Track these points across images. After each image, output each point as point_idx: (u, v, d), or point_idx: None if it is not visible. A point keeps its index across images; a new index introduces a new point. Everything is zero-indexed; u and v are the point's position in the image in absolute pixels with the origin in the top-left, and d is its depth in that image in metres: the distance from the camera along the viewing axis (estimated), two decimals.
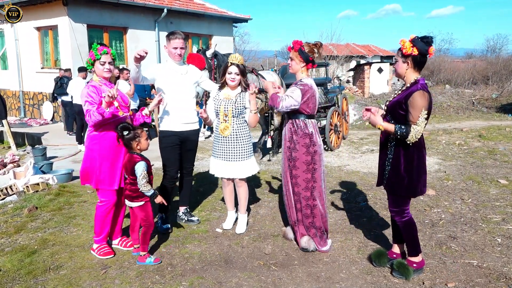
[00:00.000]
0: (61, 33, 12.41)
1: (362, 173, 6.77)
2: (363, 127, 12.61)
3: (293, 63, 3.82)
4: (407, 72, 3.21)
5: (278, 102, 3.68)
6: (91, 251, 3.88)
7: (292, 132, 3.83)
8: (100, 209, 3.80)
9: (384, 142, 3.39)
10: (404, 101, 3.13)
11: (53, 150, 8.90)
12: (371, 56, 26.87)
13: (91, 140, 3.73)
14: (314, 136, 3.81)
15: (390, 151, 3.32)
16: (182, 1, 15.44)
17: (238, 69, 4.07)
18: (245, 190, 4.36)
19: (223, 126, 4.15)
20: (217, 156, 4.26)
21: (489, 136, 9.76)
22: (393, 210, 3.40)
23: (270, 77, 7.72)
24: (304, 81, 3.76)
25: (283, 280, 3.41)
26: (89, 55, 3.73)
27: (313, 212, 3.84)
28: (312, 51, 3.77)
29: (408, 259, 3.42)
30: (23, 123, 12.90)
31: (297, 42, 3.76)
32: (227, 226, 4.45)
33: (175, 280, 3.41)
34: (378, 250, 3.69)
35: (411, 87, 3.17)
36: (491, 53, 37.92)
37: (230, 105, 4.11)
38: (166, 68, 4.31)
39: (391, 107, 3.26)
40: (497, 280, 3.32)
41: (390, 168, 3.32)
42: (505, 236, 4.15)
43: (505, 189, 5.67)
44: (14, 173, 6.14)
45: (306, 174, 3.80)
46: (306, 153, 3.79)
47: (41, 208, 5.13)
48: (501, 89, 18.73)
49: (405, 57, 3.17)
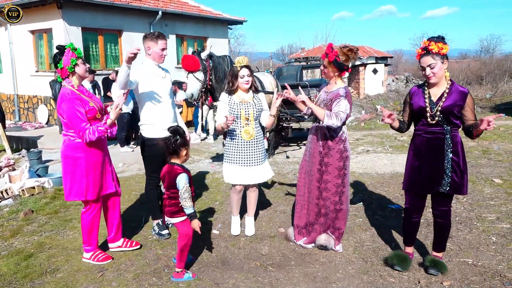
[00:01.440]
0: (55, 36, 12.37)
1: (357, 174, 6.79)
2: (358, 128, 12.66)
3: (326, 70, 3.73)
4: (446, 72, 3.20)
5: (336, 121, 3.52)
6: (85, 259, 3.77)
7: (327, 138, 3.77)
8: (86, 218, 3.68)
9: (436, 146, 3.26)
10: (462, 103, 3.14)
11: (49, 154, 8.87)
12: (366, 57, 26.98)
13: (74, 148, 3.52)
14: (347, 142, 3.81)
15: (447, 153, 3.23)
16: (177, 3, 15.45)
17: (249, 70, 4.03)
18: (257, 194, 4.35)
19: (245, 130, 4.04)
20: (236, 162, 4.09)
21: (483, 136, 9.82)
22: (443, 210, 3.37)
23: (266, 78, 7.74)
24: (346, 90, 3.69)
25: (280, 281, 3.42)
26: (69, 56, 3.45)
27: (337, 216, 3.87)
28: (348, 59, 3.64)
29: (435, 255, 3.50)
30: (18, 126, 12.85)
31: (332, 52, 3.60)
32: (236, 232, 4.36)
33: (172, 282, 3.41)
34: (398, 253, 3.60)
35: (455, 88, 3.19)
36: (485, 53, 38.29)
37: (250, 108, 4.04)
38: (146, 71, 4.08)
39: (448, 111, 3.17)
40: (492, 278, 3.35)
41: (451, 169, 3.23)
42: (500, 234, 4.18)
43: (499, 188, 5.71)
44: (10, 177, 6.13)
45: (337, 179, 3.79)
46: (339, 158, 3.76)
47: (37, 212, 5.12)
48: (495, 89, 18.87)
49: (443, 57, 3.13)
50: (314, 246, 3.98)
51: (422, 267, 3.52)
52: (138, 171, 7.22)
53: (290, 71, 10.77)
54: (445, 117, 3.20)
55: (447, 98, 3.18)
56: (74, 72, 3.53)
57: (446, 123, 3.21)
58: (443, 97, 3.20)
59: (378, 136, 10.49)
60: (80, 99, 3.50)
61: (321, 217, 3.90)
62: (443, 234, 3.45)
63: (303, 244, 4.00)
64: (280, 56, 46.07)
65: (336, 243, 3.91)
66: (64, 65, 3.47)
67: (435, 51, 3.09)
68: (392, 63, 35.40)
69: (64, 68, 3.48)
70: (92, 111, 3.55)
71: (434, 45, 3.09)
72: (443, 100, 3.19)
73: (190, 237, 3.40)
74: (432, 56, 3.12)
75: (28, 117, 14.07)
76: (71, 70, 3.50)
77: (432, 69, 3.14)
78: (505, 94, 18.16)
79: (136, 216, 4.95)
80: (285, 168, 7.31)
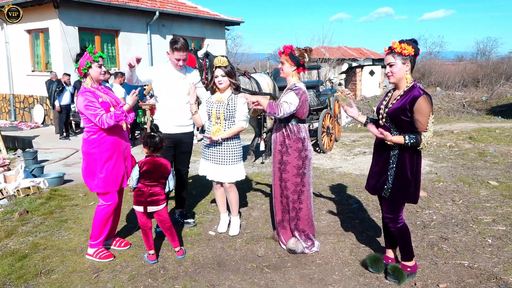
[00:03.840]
0: (52, 36, 12.34)
1: (354, 175, 6.80)
2: (355, 129, 12.67)
3: (284, 66, 3.83)
4: (407, 75, 3.12)
5: (277, 110, 3.65)
6: (87, 256, 3.82)
7: (284, 136, 3.84)
8: (101, 212, 3.78)
9: (383, 149, 3.26)
10: (409, 108, 3.02)
11: (44, 154, 8.83)
12: (362, 59, 26.99)
13: (89, 144, 3.70)
14: (306, 141, 3.84)
15: (393, 159, 3.19)
16: (174, 3, 15.44)
17: (223, 71, 4.07)
18: (234, 194, 4.35)
19: (215, 129, 4.15)
20: (207, 158, 4.27)
21: (479, 138, 9.87)
22: (388, 217, 3.32)
23: (263, 79, 7.75)
24: (298, 85, 3.78)
25: (276, 283, 3.41)
26: (85, 59, 3.67)
27: (297, 215, 3.88)
28: (303, 55, 3.80)
29: (402, 263, 3.41)
30: (14, 126, 12.80)
31: (287, 46, 3.80)
32: (221, 229, 4.43)
33: (168, 283, 3.39)
34: (373, 255, 3.62)
35: (410, 92, 3.08)
36: (481, 56, 38.40)
37: (222, 108, 4.11)
38: (165, 70, 4.32)
39: (393, 114, 3.13)
40: (488, 281, 3.36)
41: (394, 175, 3.19)
42: (496, 237, 4.19)
43: (495, 190, 5.72)
44: (5, 177, 6.08)
45: (296, 178, 3.83)
46: (298, 157, 3.81)
47: (32, 212, 5.09)
48: (491, 91, 18.96)
49: (405, 58, 3.08)
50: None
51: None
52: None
53: None
54: (392, 121, 3.16)
55: (398, 101, 3.12)
56: (88, 74, 3.71)
57: (395, 127, 3.15)
58: (395, 100, 3.15)
59: (374, 138, 10.48)
60: (92, 93, 3.67)
61: (285, 213, 3.96)
62: (400, 242, 3.36)
63: (282, 245, 4.02)
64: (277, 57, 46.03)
65: (306, 246, 3.88)
66: (80, 66, 3.69)
67: (397, 50, 3.08)
68: None
69: (79, 68, 3.70)
70: (105, 104, 3.68)
71: (397, 45, 3.08)
72: (393, 103, 3.15)
73: (169, 221, 3.79)
74: (393, 55, 3.11)
75: (24, 117, 14.01)
76: (84, 71, 3.70)
77: (390, 67, 3.14)
78: (501, 96, 18.25)
79: (133, 216, 4.93)
80: None
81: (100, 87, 3.80)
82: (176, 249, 3.85)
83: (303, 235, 3.90)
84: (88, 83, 3.73)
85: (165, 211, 3.77)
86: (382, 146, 3.26)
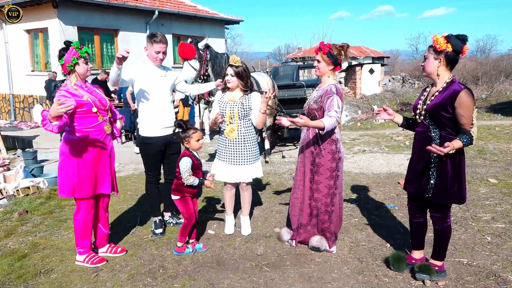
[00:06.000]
0: (51, 36, 12.34)
1: (353, 174, 6.80)
2: (354, 128, 12.67)
3: (320, 65, 3.70)
4: (439, 70, 3.04)
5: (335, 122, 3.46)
6: (78, 263, 3.71)
7: (318, 138, 3.72)
8: (78, 219, 3.62)
9: (423, 149, 3.07)
10: (449, 103, 2.95)
11: (44, 153, 8.84)
12: (362, 57, 27.08)
13: (67, 145, 3.51)
14: (339, 142, 3.74)
15: (434, 159, 3.09)
16: (174, 3, 15.43)
17: (233, 71, 4.00)
18: (250, 193, 4.33)
19: (229, 129, 4.08)
20: (223, 160, 4.16)
21: (479, 136, 9.85)
22: (436, 216, 3.23)
23: (262, 78, 7.74)
24: (337, 87, 3.64)
25: (275, 281, 3.41)
26: (71, 54, 3.43)
27: (330, 218, 3.81)
28: (340, 54, 3.67)
29: (430, 262, 3.36)
30: (14, 126, 12.80)
31: (325, 44, 3.66)
32: (230, 231, 4.36)
33: (167, 282, 3.40)
34: (397, 254, 3.54)
35: (450, 87, 3.00)
36: (481, 53, 38.45)
37: (236, 107, 4.05)
38: (146, 69, 4.08)
39: (433, 110, 3.04)
40: (487, 278, 3.36)
41: (436, 176, 3.10)
42: (495, 234, 4.19)
43: (494, 188, 5.73)
44: (4, 177, 6.09)
45: (329, 180, 3.73)
46: (331, 159, 3.70)
47: (31, 212, 5.09)
48: (490, 89, 18.92)
49: (438, 53, 3.01)
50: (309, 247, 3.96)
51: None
52: (134, 171, 7.20)
53: (287, 71, 10.79)
54: (432, 118, 3.09)
55: (436, 97, 3.05)
56: (73, 70, 3.51)
57: (435, 125, 3.09)
58: (433, 96, 3.08)
59: (374, 136, 10.50)
60: (70, 93, 3.44)
61: (313, 218, 3.88)
62: (440, 241, 3.30)
63: (294, 244, 4.00)
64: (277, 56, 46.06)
65: (329, 244, 3.87)
66: (65, 62, 3.46)
67: (434, 44, 3.03)
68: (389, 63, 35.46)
69: (64, 64, 3.47)
70: (87, 105, 3.48)
71: (437, 39, 3.01)
72: (432, 99, 3.08)
73: (190, 217, 3.84)
74: (429, 49, 3.08)
75: (24, 117, 14.01)
76: (70, 68, 3.48)
77: (424, 61, 3.13)
78: (500, 94, 18.21)
79: (132, 216, 4.94)
80: (281, 168, 7.31)
81: (85, 85, 3.58)
82: (178, 244, 3.93)
83: (333, 237, 3.86)
84: (72, 81, 3.50)
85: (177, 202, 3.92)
86: (423, 146, 3.08)
